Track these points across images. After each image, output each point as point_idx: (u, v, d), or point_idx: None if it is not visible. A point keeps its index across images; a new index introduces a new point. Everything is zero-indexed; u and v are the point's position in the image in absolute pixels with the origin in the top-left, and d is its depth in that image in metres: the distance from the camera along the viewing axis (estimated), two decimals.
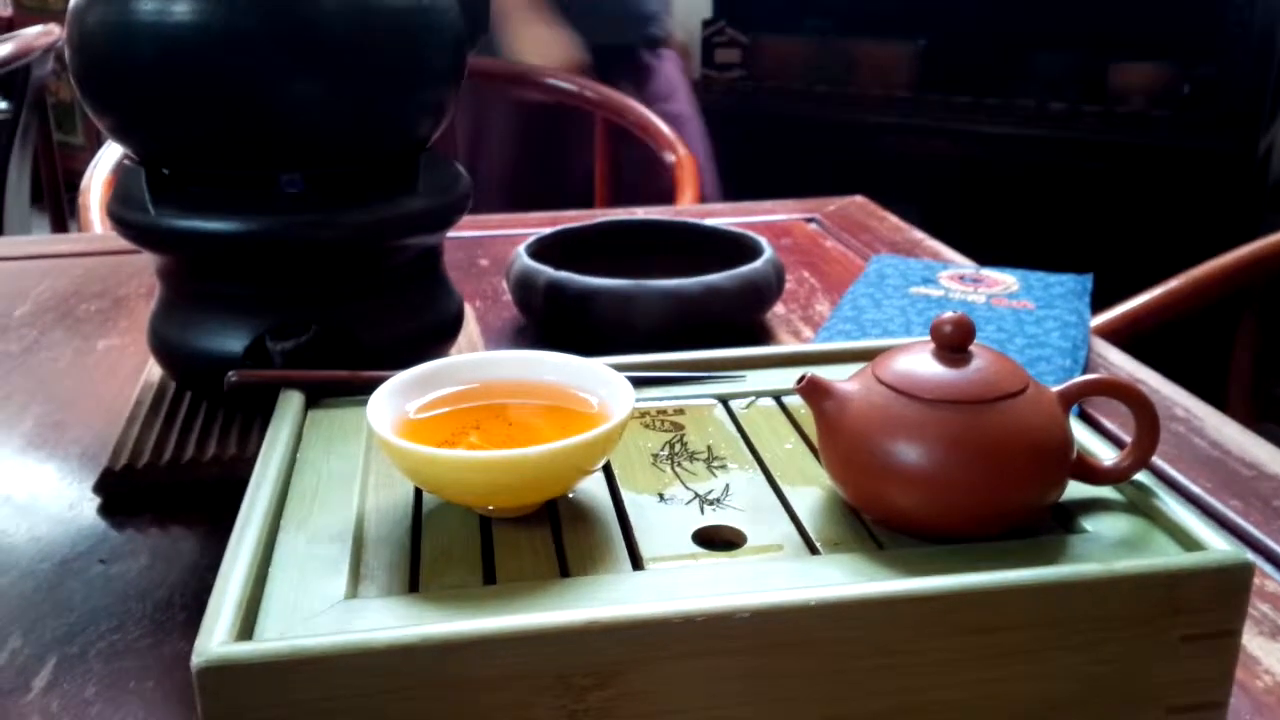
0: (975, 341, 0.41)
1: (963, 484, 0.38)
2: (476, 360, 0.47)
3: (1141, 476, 0.42)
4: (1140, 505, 0.41)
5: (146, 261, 0.61)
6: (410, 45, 0.57)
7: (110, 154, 1.21)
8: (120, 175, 0.58)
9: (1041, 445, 0.39)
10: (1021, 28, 2.11)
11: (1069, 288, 0.80)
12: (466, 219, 0.64)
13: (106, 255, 0.93)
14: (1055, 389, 0.41)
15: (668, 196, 1.40)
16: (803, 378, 0.41)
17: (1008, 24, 2.13)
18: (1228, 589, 0.36)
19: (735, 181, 2.20)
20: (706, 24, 2.42)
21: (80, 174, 1.20)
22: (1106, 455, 0.42)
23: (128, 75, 0.54)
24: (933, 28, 2.17)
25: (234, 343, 0.56)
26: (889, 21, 2.21)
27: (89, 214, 1.13)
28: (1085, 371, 0.69)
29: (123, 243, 0.59)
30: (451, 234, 0.64)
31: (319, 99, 0.54)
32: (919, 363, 0.41)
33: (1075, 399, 0.41)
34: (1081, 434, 0.44)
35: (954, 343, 0.40)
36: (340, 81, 0.54)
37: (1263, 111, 1.88)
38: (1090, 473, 0.41)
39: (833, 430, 0.41)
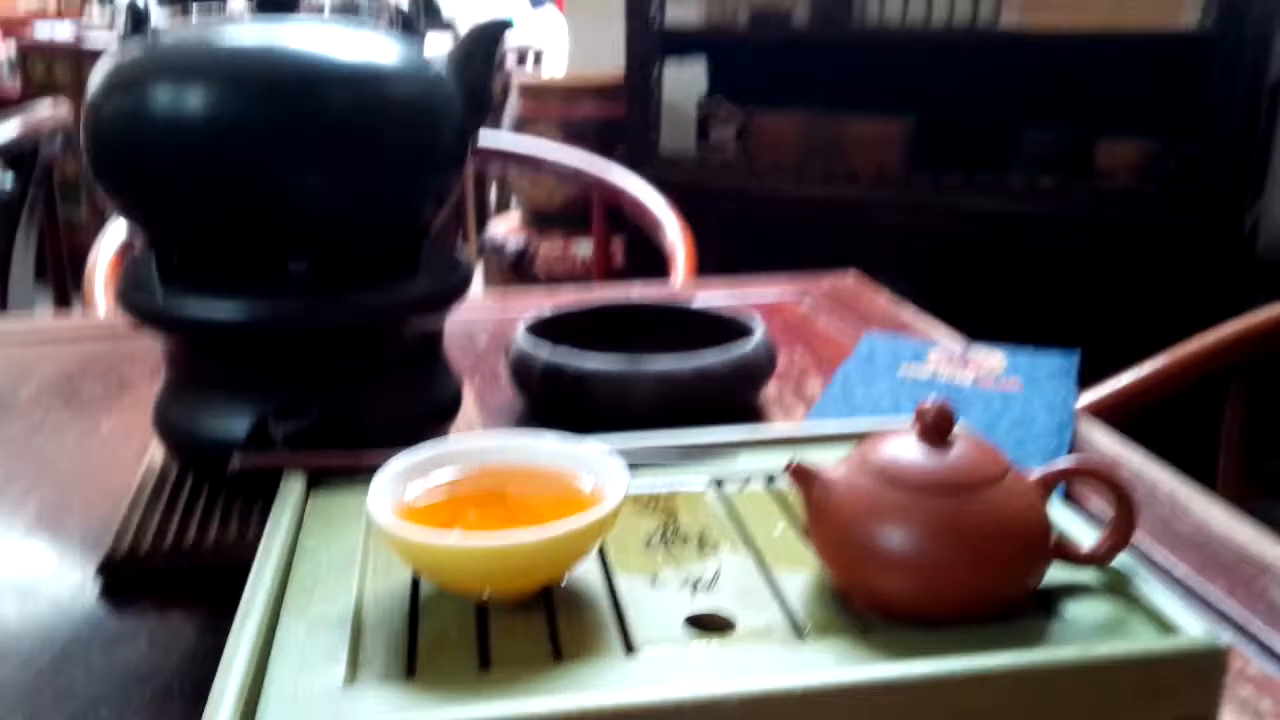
0: (957, 427, 0.43)
1: (945, 569, 0.39)
2: (474, 444, 0.48)
3: (1122, 559, 0.43)
4: (1119, 588, 0.42)
5: (151, 343, 0.62)
6: (415, 134, 0.59)
7: (115, 234, 1.24)
8: (130, 260, 0.60)
9: (1020, 531, 0.40)
10: (1009, 105, 2.17)
11: (1055, 367, 0.82)
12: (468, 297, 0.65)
13: (111, 336, 0.94)
14: (1035, 474, 0.43)
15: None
16: (790, 464, 0.43)
17: (996, 101, 2.18)
18: (1204, 672, 0.37)
19: (732, 255, 2.24)
20: (702, 101, 2.48)
21: (84, 249, 1.22)
22: (1087, 538, 0.43)
23: (142, 164, 0.56)
24: (923, 105, 2.22)
25: (237, 425, 0.58)
26: (880, 99, 2.26)
27: (94, 293, 1.15)
28: (1071, 451, 0.70)
29: (127, 323, 0.61)
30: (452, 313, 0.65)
31: (327, 187, 0.56)
32: (903, 449, 0.42)
33: (1055, 483, 0.43)
34: (1063, 517, 0.45)
35: (936, 430, 0.42)
36: (347, 170, 0.56)
37: (1247, 187, 1.92)
38: (1071, 556, 0.42)
39: (820, 515, 0.42)
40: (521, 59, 3.51)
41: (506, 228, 2.84)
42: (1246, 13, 1.77)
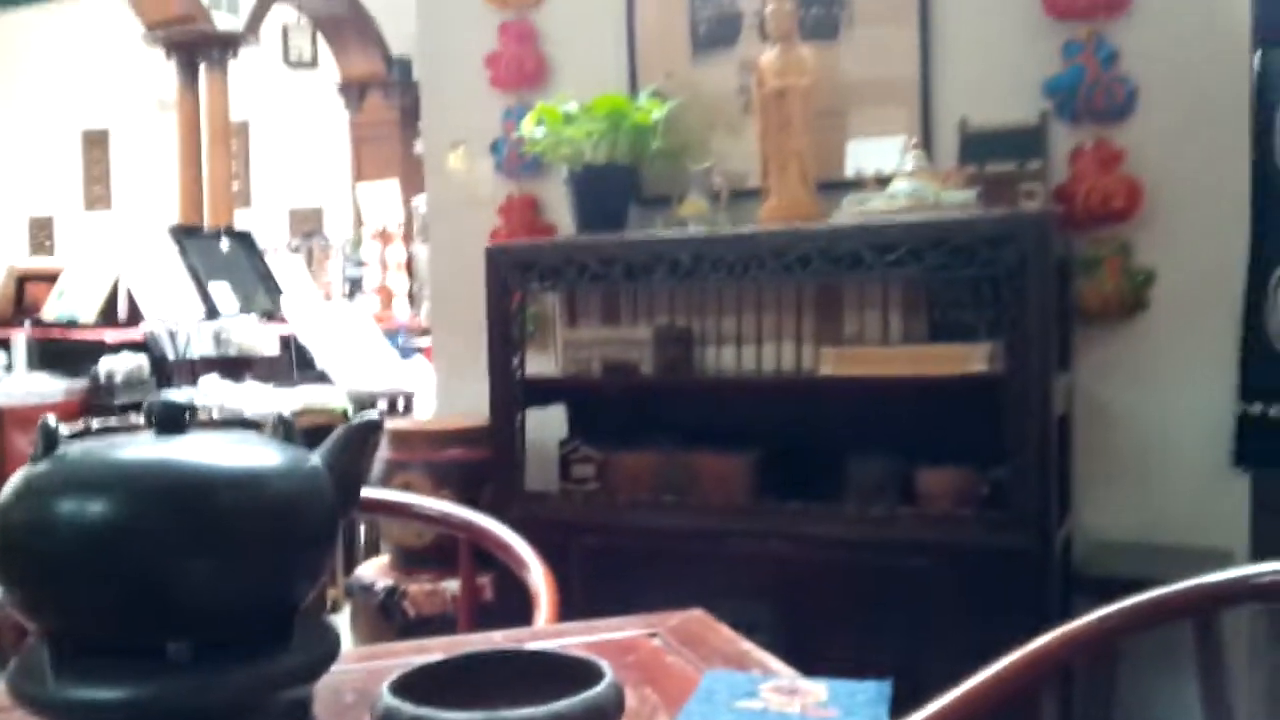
0: None
1: None
2: None
3: None
4: None
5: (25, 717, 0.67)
6: (292, 527, 0.69)
7: None
8: (24, 651, 0.66)
9: None
10: (839, 439, 2.40)
11: (870, 695, 0.92)
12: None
13: None
14: None
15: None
16: None
17: (827, 436, 2.42)
18: None
19: (597, 584, 2.32)
20: (563, 443, 2.64)
21: None
22: None
23: (44, 566, 0.64)
24: (764, 441, 2.44)
25: None
26: (726, 436, 2.48)
27: None
28: None
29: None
30: None
31: (212, 579, 0.65)
32: None
33: None
34: None
35: None
36: (232, 563, 0.65)
37: (1053, 508, 2.14)
38: None
39: None
40: (392, 405, 3.68)
41: (375, 569, 2.87)
42: (1027, 360, 2.06)
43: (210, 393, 3.35)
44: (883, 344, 2.34)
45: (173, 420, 0.72)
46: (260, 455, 0.70)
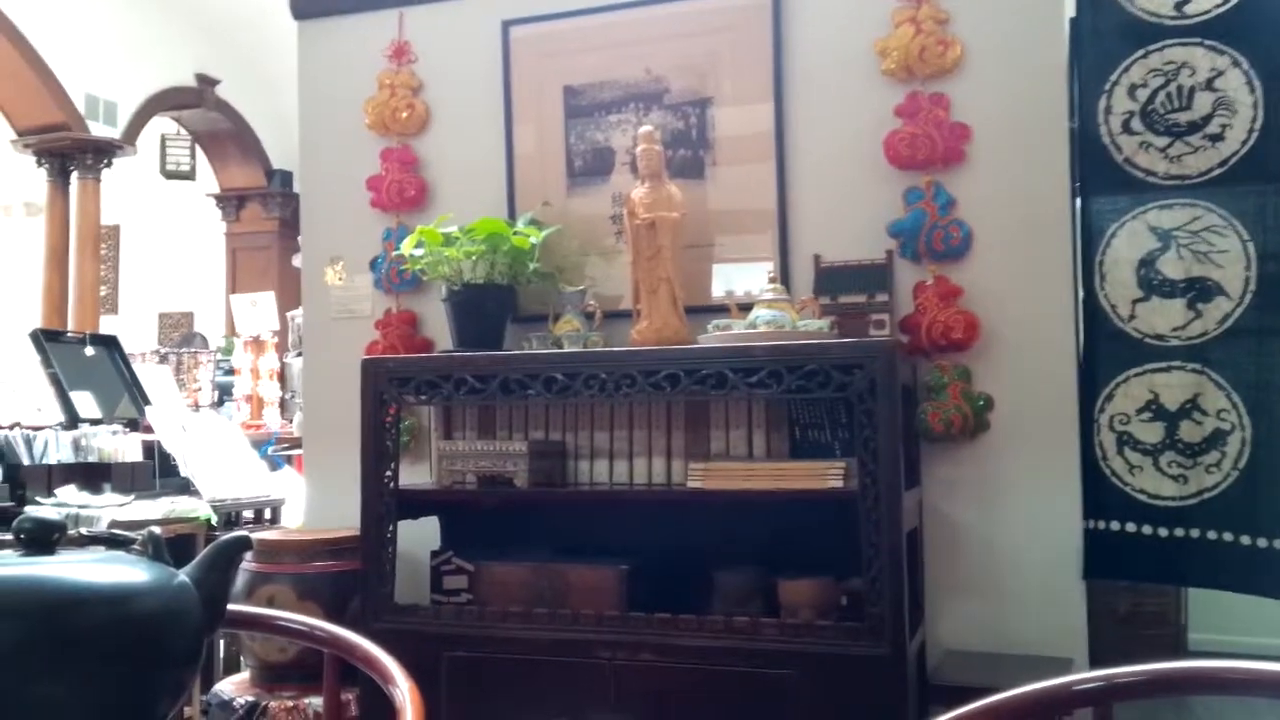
0: None
1: None
2: None
3: None
4: None
5: None
6: (158, 645, 0.72)
7: None
8: None
9: None
10: (708, 551, 2.47)
11: None
12: None
13: None
14: None
15: None
16: None
17: (696, 548, 2.49)
18: None
19: (467, 696, 2.31)
20: (435, 553, 2.65)
21: None
22: None
23: None
24: (635, 553, 2.49)
25: None
26: (598, 548, 2.53)
27: None
28: None
29: None
30: None
31: (76, 697, 0.67)
32: None
33: None
34: None
35: None
36: (96, 682, 0.68)
37: (906, 618, 2.24)
38: None
39: None
40: (258, 515, 3.61)
41: (234, 685, 2.78)
42: (878, 476, 2.19)
43: (68, 503, 3.24)
44: (747, 460, 2.44)
45: (42, 539, 0.74)
46: (128, 573, 0.72)
